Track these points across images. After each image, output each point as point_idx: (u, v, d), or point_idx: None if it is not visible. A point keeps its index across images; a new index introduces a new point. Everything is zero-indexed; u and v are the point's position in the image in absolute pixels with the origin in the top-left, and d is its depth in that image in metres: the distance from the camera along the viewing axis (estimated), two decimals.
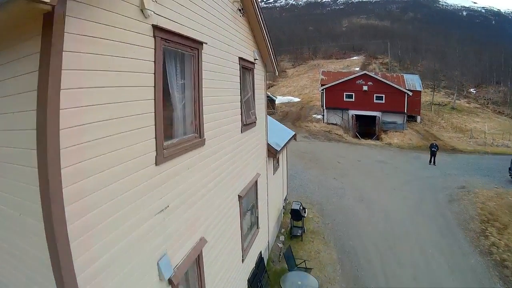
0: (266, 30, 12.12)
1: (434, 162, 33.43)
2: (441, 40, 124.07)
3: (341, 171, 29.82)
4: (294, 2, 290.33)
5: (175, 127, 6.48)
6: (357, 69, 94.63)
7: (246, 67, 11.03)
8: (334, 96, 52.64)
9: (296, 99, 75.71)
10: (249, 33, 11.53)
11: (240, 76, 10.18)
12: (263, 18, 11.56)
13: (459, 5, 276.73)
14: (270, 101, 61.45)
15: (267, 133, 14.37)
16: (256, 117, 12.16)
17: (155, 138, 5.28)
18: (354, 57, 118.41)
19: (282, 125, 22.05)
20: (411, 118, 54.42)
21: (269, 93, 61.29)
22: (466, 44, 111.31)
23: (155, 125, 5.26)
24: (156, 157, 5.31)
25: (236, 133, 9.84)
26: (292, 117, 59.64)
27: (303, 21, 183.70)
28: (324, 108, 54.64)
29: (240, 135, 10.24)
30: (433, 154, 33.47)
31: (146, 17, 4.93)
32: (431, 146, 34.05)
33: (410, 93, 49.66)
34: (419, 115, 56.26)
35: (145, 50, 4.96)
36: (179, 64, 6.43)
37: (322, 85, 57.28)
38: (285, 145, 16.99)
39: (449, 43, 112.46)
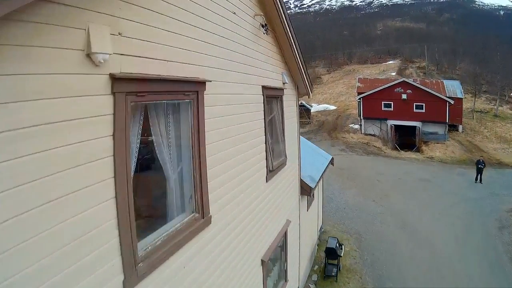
0: (297, 47, 10.05)
1: (480, 180, 30.50)
2: (479, 41, 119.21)
3: (380, 191, 27.37)
4: (328, 7, 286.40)
5: (167, 206, 4.71)
6: (393, 74, 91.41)
7: (272, 96, 9.13)
8: (372, 105, 49.84)
9: (332, 107, 72.69)
10: (276, 52, 9.55)
11: (264, 111, 8.24)
12: (293, 33, 9.54)
13: (495, 4, 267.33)
14: (306, 111, 59.19)
15: (300, 167, 12.47)
16: (286, 155, 10.25)
17: (121, 255, 3.44)
18: (390, 61, 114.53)
19: (316, 146, 19.92)
20: (453, 128, 50.82)
21: (304, 102, 59.29)
22: (505, 44, 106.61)
23: (120, 236, 3.41)
24: (124, 282, 3.47)
25: (259, 185, 7.94)
26: (328, 127, 56.87)
27: (337, 26, 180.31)
28: (362, 118, 51.73)
29: (264, 186, 8.32)
30: (479, 171, 30.52)
31: (97, 65, 3.09)
32: (478, 162, 31.08)
33: (452, 102, 46.33)
34: (460, 124, 52.60)
35: (95, 121, 3.13)
36: (170, 117, 4.64)
37: (358, 93, 54.53)
38: (321, 176, 14.99)
39: (487, 44, 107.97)
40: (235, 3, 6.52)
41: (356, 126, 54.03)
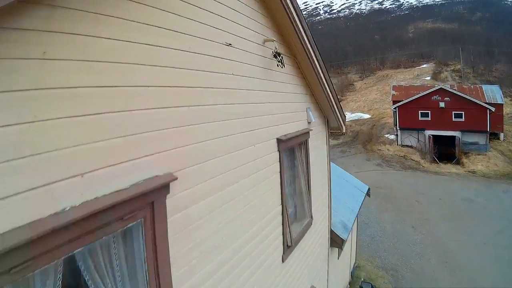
0: (325, 75, 7.93)
1: None
2: None
3: (420, 215, 24.67)
4: (358, 11, 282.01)
5: None
6: (428, 78, 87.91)
7: (293, 145, 7.18)
8: (408, 114, 46.37)
9: (366, 115, 69.06)
10: (298, 83, 7.50)
11: (280, 172, 6.26)
12: (319, 58, 7.38)
13: None
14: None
15: (331, 215, 10.43)
16: (312, 214, 8.16)
17: None
18: (424, 65, 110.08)
19: (349, 175, 17.64)
20: (493, 136, 46.66)
21: None
22: None
23: None
24: None
25: (272, 271, 5.93)
26: (363, 138, 53.53)
27: (368, 30, 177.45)
28: (398, 128, 48.37)
29: (280, 267, 6.31)
30: None
31: None
32: None
33: (493, 109, 42.53)
34: (502, 131, 48.27)
35: None
36: (110, 253, 2.77)
37: (394, 101, 51.41)
38: (356, 217, 12.92)
39: None
40: (230, 29, 4.61)
41: (392, 137, 50.89)
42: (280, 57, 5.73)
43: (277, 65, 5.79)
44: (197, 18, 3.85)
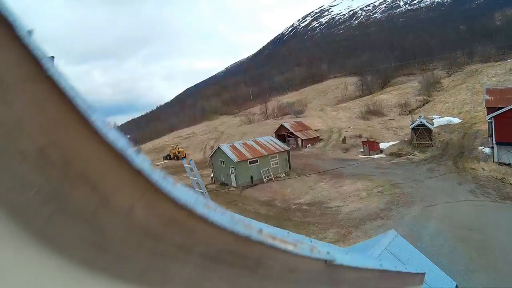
0: None
1: None
2: None
3: None
4: (440, 0, 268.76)
5: None
6: None
7: None
8: (506, 126, 37.01)
9: (456, 120, 61.09)
10: None
11: None
12: None
13: None
14: (426, 131, 50.48)
15: None
16: None
17: None
18: None
19: (430, 268, 13.34)
20: None
21: (424, 120, 51.43)
22: None
23: None
24: None
25: None
26: (453, 151, 45.87)
27: (452, 20, 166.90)
28: (494, 142, 39.11)
29: None
30: None
31: None
32: None
33: None
34: None
35: None
36: None
37: (487, 108, 44.18)
38: None
39: None
40: None
41: (487, 150, 42.64)
42: None
43: None
44: None
